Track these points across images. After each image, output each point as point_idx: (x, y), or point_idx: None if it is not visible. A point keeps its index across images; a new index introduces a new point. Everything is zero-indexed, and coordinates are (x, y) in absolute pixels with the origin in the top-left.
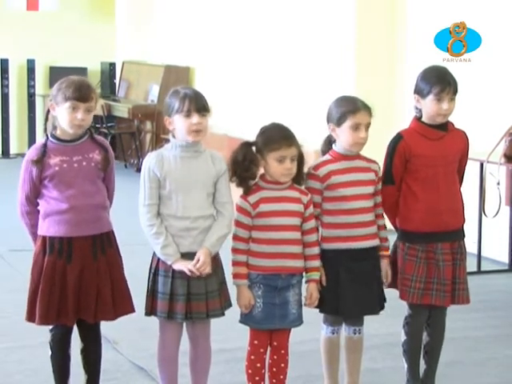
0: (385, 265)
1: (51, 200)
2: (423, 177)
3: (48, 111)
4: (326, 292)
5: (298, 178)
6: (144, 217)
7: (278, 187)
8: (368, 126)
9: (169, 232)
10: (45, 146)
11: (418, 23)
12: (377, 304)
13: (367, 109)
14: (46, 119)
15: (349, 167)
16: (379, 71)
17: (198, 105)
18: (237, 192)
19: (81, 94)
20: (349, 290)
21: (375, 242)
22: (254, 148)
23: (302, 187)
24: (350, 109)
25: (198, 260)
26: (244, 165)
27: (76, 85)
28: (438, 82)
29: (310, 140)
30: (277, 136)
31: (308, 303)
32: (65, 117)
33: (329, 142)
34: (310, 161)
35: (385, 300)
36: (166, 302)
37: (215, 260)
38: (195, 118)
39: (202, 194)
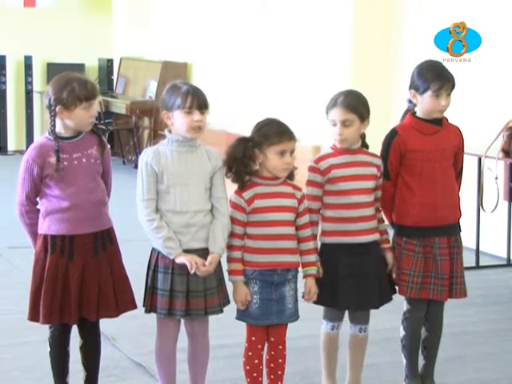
0: (389, 257)
1: (53, 198)
2: (419, 172)
3: (54, 115)
4: (324, 286)
5: (290, 173)
6: (143, 212)
7: (273, 183)
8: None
9: None
10: (44, 146)
11: (418, 23)
12: (376, 299)
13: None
14: (54, 125)
15: (350, 161)
16: (376, 69)
17: (200, 102)
18: (232, 188)
19: (93, 92)
20: (347, 284)
21: (375, 237)
22: (250, 144)
23: (294, 183)
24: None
25: (204, 263)
26: (243, 161)
27: (86, 84)
28: (437, 78)
29: (308, 135)
30: (277, 130)
31: (307, 298)
32: (80, 117)
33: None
34: (309, 156)
35: (394, 292)
36: (166, 298)
37: None
38: (197, 115)
39: (199, 188)
